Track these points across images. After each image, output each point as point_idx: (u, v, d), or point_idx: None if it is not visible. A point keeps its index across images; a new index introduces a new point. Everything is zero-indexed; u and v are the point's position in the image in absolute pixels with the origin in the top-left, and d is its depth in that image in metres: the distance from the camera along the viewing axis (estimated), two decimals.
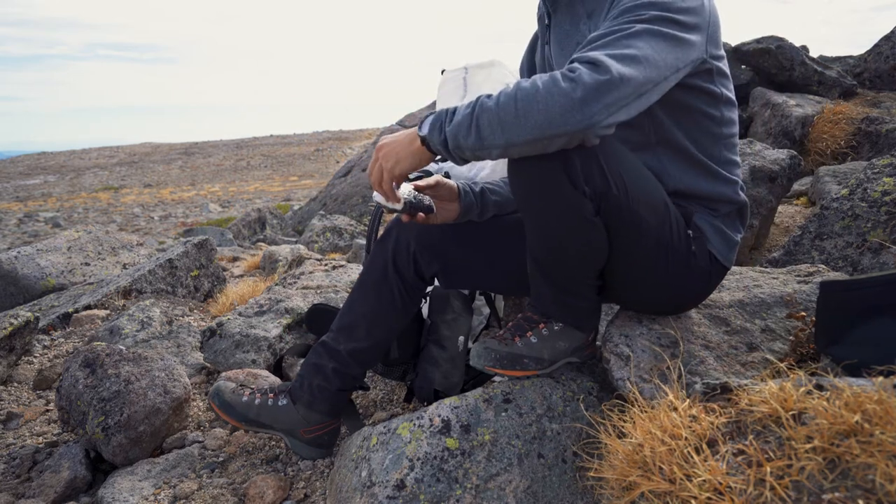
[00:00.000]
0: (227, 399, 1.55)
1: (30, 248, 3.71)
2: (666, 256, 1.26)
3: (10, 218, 17.52)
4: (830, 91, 4.91)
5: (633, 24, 1.08)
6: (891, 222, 1.86)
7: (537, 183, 1.13)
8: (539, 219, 1.19)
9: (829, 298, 1.25)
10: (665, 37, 1.08)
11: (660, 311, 1.41)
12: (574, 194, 1.13)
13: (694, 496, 0.97)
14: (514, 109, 1.03)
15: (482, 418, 1.32)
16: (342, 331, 1.52)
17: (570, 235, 1.18)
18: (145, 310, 2.59)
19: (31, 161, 42.92)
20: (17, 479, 1.69)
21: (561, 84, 1.01)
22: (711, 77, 1.25)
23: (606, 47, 1.05)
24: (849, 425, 0.95)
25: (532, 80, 1.04)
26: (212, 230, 6.91)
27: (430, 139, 1.12)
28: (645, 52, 1.05)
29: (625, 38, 1.05)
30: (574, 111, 1.00)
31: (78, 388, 1.70)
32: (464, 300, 1.82)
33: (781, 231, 3.10)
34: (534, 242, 1.25)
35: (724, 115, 1.30)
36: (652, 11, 1.09)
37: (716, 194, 1.33)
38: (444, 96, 2.37)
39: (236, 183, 28.61)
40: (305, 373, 1.54)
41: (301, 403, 1.52)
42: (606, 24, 1.12)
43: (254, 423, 1.53)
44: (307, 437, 1.54)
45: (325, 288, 2.53)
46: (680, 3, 1.11)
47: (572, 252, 1.21)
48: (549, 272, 1.28)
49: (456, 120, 1.09)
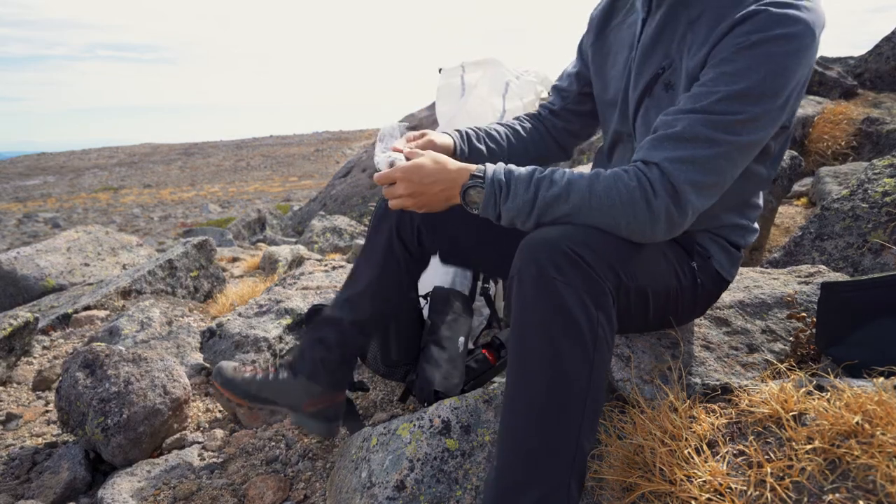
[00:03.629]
0: (228, 376, 1.51)
1: (29, 248, 3.71)
2: (675, 304, 1.24)
3: (9, 218, 17.51)
4: (831, 91, 4.91)
5: (728, 133, 1.00)
6: (891, 223, 1.86)
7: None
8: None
9: (830, 299, 1.25)
10: (751, 148, 1.03)
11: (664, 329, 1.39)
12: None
13: (694, 497, 0.97)
14: (587, 213, 1.03)
15: (482, 419, 1.32)
16: (346, 302, 1.49)
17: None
18: (145, 310, 2.59)
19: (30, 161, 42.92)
20: (16, 479, 1.69)
21: (639, 209, 1.00)
22: (778, 135, 1.17)
23: (694, 169, 1.00)
24: (849, 426, 0.95)
25: (607, 188, 1.02)
26: (211, 231, 6.92)
27: (484, 214, 1.10)
28: (725, 176, 1.02)
29: (716, 159, 1.00)
30: (645, 235, 1.04)
31: (77, 389, 1.69)
32: (464, 300, 1.82)
33: (782, 232, 3.10)
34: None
35: (769, 172, 1.23)
36: (754, 109, 0.99)
37: (725, 223, 1.28)
38: (443, 94, 2.37)
39: (236, 183, 28.61)
40: (306, 346, 1.50)
41: (302, 375, 1.48)
42: (708, 98, 1.01)
43: (256, 398, 1.49)
44: (311, 410, 1.49)
45: (324, 288, 2.52)
46: (784, 86, 0.99)
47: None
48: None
49: (515, 203, 1.06)
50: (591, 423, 0.99)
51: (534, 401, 0.97)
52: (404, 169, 1.14)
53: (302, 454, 1.63)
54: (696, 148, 1.00)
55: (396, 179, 1.15)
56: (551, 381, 0.96)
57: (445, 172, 1.12)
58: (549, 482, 0.94)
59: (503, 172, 1.09)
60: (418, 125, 9.03)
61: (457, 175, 1.12)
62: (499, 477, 0.98)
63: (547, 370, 0.96)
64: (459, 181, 1.11)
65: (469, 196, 1.11)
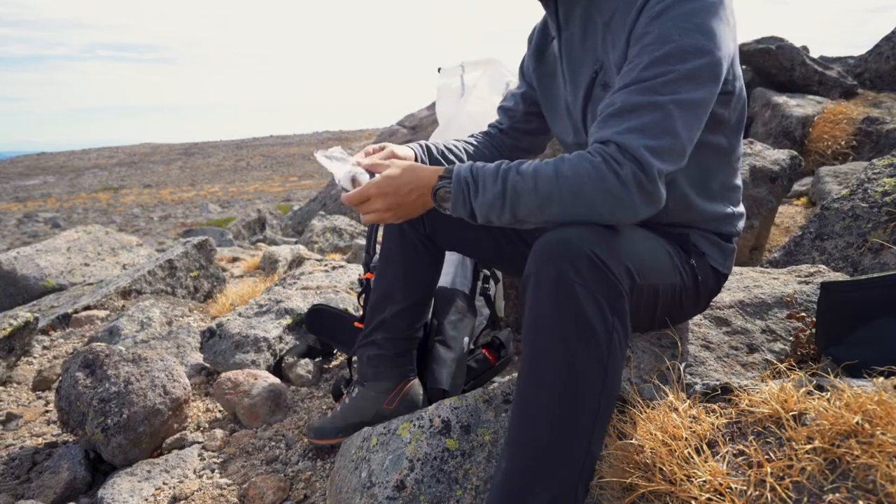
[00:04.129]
0: (318, 426, 1.57)
1: (29, 248, 3.71)
2: (681, 302, 1.25)
3: (9, 218, 17.51)
4: (831, 91, 4.91)
5: (664, 94, 1.01)
6: (891, 223, 1.86)
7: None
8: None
9: (830, 299, 1.25)
10: (694, 107, 1.03)
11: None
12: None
13: (694, 497, 0.97)
14: (558, 198, 1.02)
15: (482, 419, 1.32)
16: (381, 300, 1.53)
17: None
18: (145, 310, 2.59)
19: (30, 161, 42.91)
20: (16, 479, 1.69)
21: (609, 181, 0.99)
22: (726, 102, 1.18)
23: (645, 135, 1.00)
24: (849, 426, 0.95)
25: (573, 168, 1.01)
26: (211, 230, 6.91)
27: (456, 213, 1.10)
28: (679, 136, 1.02)
29: (663, 121, 1.01)
30: (623, 212, 1.02)
31: (77, 389, 1.69)
32: (468, 300, 1.82)
33: (782, 231, 3.10)
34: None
35: (730, 143, 1.24)
36: (681, 66, 1.02)
37: (712, 215, 1.29)
38: (443, 94, 2.38)
39: (236, 183, 28.61)
40: (361, 356, 1.57)
41: (369, 382, 1.54)
42: (636, 69, 1.04)
43: (348, 428, 1.53)
44: (391, 407, 1.53)
45: (324, 288, 2.52)
46: (704, 42, 1.03)
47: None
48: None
49: (486, 198, 1.06)
50: (602, 429, 0.99)
51: (547, 405, 0.96)
52: (378, 184, 1.11)
53: (302, 454, 1.63)
54: (641, 116, 1.02)
55: (371, 196, 1.12)
56: (566, 385, 0.95)
57: (417, 179, 1.12)
58: (559, 486, 0.94)
59: (468, 168, 1.09)
60: (419, 125, 9.02)
61: (429, 179, 1.12)
62: (506, 479, 0.97)
63: (562, 374, 0.96)
64: (431, 183, 1.11)
65: (439, 196, 1.11)
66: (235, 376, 1.89)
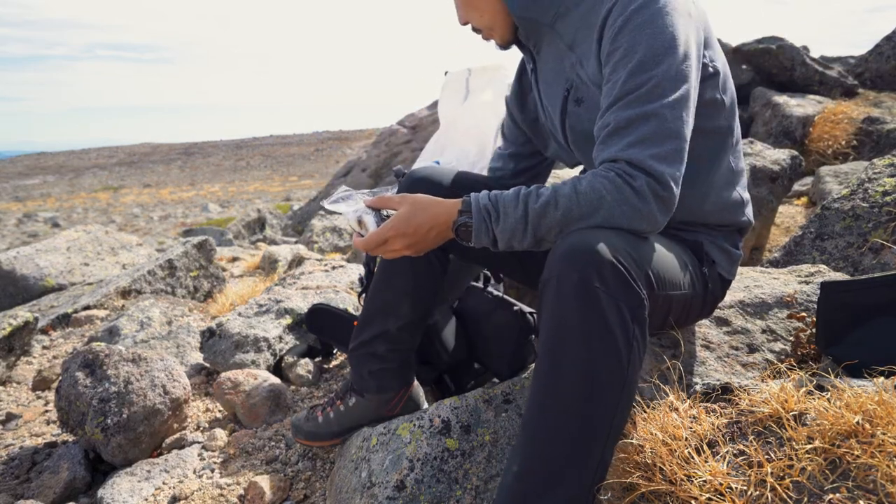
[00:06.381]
0: (309, 429, 1.55)
1: (29, 248, 3.71)
2: (689, 310, 1.25)
3: (9, 218, 17.51)
4: (831, 91, 4.91)
5: (652, 101, 1.03)
6: (892, 223, 1.86)
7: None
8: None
9: (830, 299, 1.24)
10: (683, 102, 1.05)
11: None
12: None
13: (694, 497, 0.97)
14: (578, 214, 1.03)
15: (482, 419, 1.32)
16: (385, 309, 1.47)
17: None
18: (145, 310, 2.59)
19: (30, 161, 42.91)
20: (15, 479, 1.69)
21: (626, 192, 1.01)
22: (714, 82, 1.19)
23: (648, 146, 1.02)
24: (850, 426, 0.95)
25: (591, 185, 1.03)
26: (211, 230, 6.90)
27: (479, 244, 1.09)
28: (679, 136, 1.04)
29: (660, 127, 1.03)
30: (643, 222, 1.04)
31: (77, 389, 1.69)
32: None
33: (782, 231, 3.10)
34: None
35: (728, 123, 1.25)
36: (658, 70, 1.04)
37: (723, 205, 1.29)
38: (447, 97, 2.38)
39: (236, 183, 28.61)
40: (358, 365, 1.50)
41: (370, 393, 1.49)
42: (617, 86, 1.06)
43: (342, 432, 1.52)
44: (395, 412, 1.51)
45: (324, 288, 2.52)
46: (672, 39, 1.05)
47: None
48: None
49: (507, 224, 1.06)
50: (616, 438, 0.99)
51: (564, 411, 0.95)
52: (394, 226, 1.10)
53: (302, 454, 1.63)
54: (638, 128, 1.03)
55: (389, 238, 1.11)
56: (584, 392, 0.95)
57: (434, 218, 1.11)
58: (572, 491, 0.94)
59: (486, 197, 1.09)
60: (419, 125, 9.02)
61: (446, 215, 1.11)
62: (517, 481, 0.97)
63: (581, 381, 0.95)
64: (450, 219, 1.11)
65: (461, 232, 1.10)
66: (235, 376, 1.89)
